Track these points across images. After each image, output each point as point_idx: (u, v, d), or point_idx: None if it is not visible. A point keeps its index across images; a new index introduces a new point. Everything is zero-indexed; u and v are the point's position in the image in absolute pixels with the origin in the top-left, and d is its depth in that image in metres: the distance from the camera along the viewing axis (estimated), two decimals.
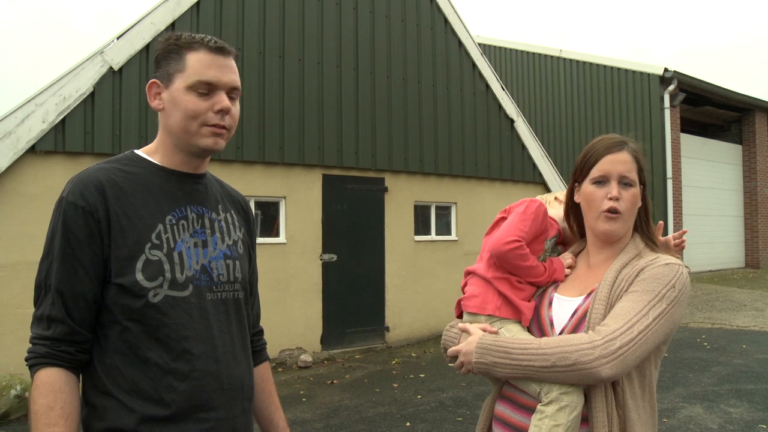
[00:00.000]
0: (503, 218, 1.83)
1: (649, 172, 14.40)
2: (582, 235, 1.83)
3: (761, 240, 17.23)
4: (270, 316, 7.67)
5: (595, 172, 1.68)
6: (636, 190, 1.68)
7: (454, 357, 1.69)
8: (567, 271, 1.80)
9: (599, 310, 1.56)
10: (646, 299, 1.51)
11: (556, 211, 1.90)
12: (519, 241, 1.71)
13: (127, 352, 1.45)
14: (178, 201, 1.57)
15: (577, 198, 1.77)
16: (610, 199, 1.64)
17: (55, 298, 1.43)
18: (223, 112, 1.54)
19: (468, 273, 1.84)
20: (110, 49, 6.69)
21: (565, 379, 1.49)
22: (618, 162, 1.67)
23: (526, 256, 1.72)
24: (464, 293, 1.83)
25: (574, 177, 1.76)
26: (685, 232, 1.91)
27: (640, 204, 1.71)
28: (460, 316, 1.84)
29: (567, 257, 1.83)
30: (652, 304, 1.51)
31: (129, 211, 1.48)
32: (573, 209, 1.83)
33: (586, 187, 1.70)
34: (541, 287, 1.79)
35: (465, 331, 1.71)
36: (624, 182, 1.66)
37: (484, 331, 1.70)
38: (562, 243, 1.93)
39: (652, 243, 1.71)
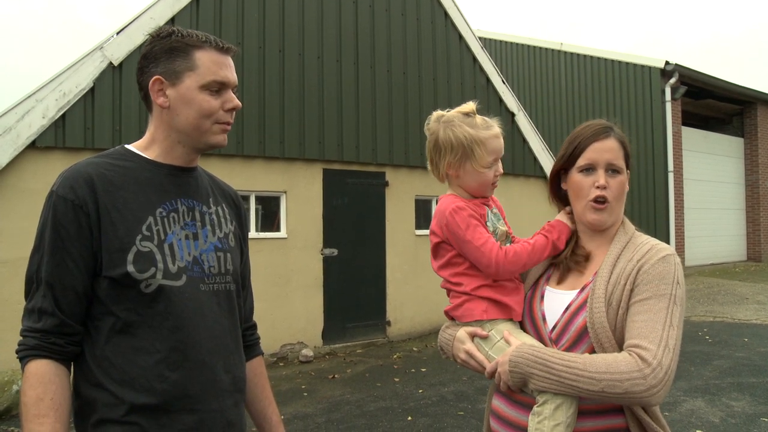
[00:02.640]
0: (441, 242, 1.74)
1: (651, 165, 14.45)
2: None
3: (763, 233, 17.21)
4: (271, 310, 7.68)
5: (582, 161, 1.67)
6: (623, 177, 1.67)
7: (492, 373, 1.63)
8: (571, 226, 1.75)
9: (600, 309, 1.54)
10: (663, 306, 1.50)
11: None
12: (500, 246, 1.67)
13: (119, 342, 1.46)
14: (168, 194, 1.58)
15: (564, 185, 1.75)
16: (598, 187, 1.63)
17: (45, 291, 1.45)
18: (233, 110, 1.60)
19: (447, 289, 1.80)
20: (110, 44, 6.68)
21: (609, 401, 1.49)
22: (605, 150, 1.65)
23: (518, 252, 1.67)
24: (449, 297, 1.79)
25: (561, 165, 1.73)
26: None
27: (627, 189, 1.70)
28: (452, 319, 1.82)
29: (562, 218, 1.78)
30: (670, 310, 1.50)
31: (119, 204, 1.49)
32: (558, 196, 1.81)
33: (574, 175, 1.69)
34: (535, 277, 1.77)
35: (474, 334, 1.68)
36: (611, 170, 1.65)
37: (475, 335, 1.68)
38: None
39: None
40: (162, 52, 1.56)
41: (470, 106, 1.74)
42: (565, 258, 1.73)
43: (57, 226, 1.46)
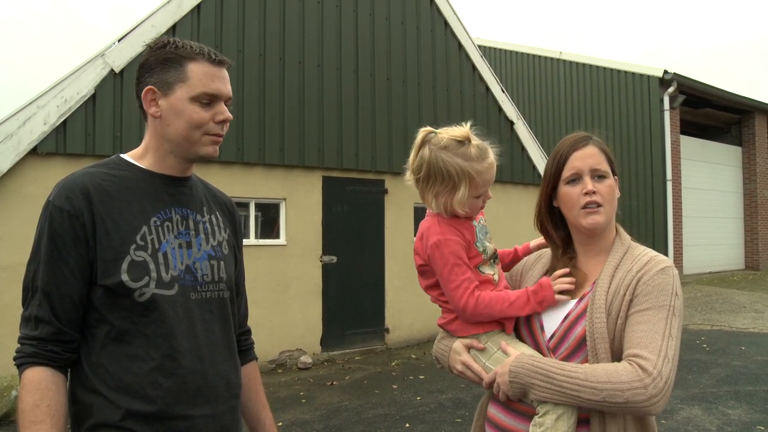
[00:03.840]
0: (423, 265, 1.71)
1: (649, 173, 14.42)
2: (561, 242, 1.79)
3: (761, 242, 17.23)
4: (270, 317, 7.69)
5: (566, 172, 1.68)
6: (611, 181, 1.68)
7: (491, 383, 1.63)
8: (565, 287, 1.67)
9: (600, 319, 1.56)
10: (662, 317, 1.52)
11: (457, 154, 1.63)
12: (472, 292, 1.62)
13: (114, 350, 1.49)
14: (162, 203, 1.61)
15: (556, 203, 1.75)
16: (586, 194, 1.64)
17: (42, 299, 1.47)
18: (224, 122, 1.60)
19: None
20: (111, 51, 6.72)
21: (610, 411, 1.49)
22: (586, 156, 1.67)
23: (492, 302, 1.63)
24: (442, 311, 1.78)
25: (551, 184, 1.73)
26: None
27: (618, 194, 1.71)
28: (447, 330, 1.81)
29: (559, 282, 1.69)
30: (669, 321, 1.52)
31: (114, 213, 1.52)
32: (549, 216, 1.79)
33: (562, 188, 1.70)
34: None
35: (471, 347, 1.68)
36: (597, 175, 1.67)
37: (471, 347, 1.68)
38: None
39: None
40: (156, 62, 1.59)
41: (465, 132, 1.65)
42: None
43: (53, 235, 1.48)
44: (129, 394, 1.47)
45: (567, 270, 1.72)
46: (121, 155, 1.67)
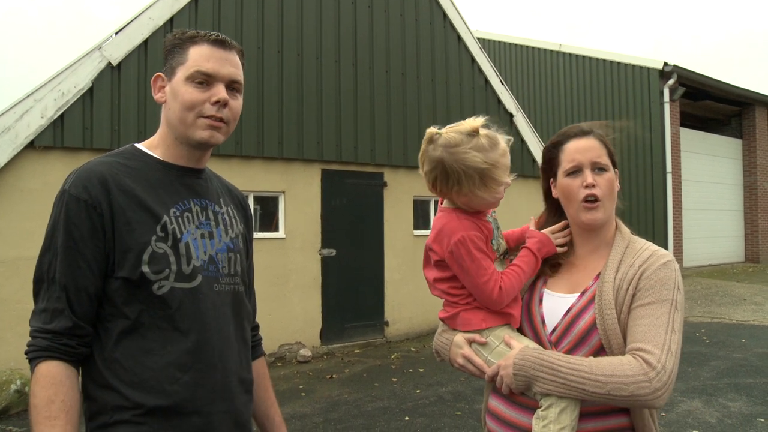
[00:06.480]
0: (441, 259, 1.67)
1: (649, 166, 14.39)
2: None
3: (761, 234, 17.23)
4: (269, 310, 7.68)
5: (566, 164, 1.69)
6: (611, 174, 1.68)
7: (493, 376, 1.62)
8: (562, 240, 1.75)
9: (611, 314, 1.56)
10: (665, 311, 1.53)
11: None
12: (500, 288, 1.63)
13: (129, 344, 1.45)
14: (180, 194, 1.57)
15: (555, 193, 1.75)
16: (586, 186, 1.64)
17: (59, 292, 1.42)
18: (220, 103, 1.54)
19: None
20: (109, 44, 6.68)
21: (613, 404, 1.51)
22: (587, 149, 1.67)
23: (513, 282, 1.65)
24: (443, 304, 1.76)
25: (550, 174, 1.74)
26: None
27: (618, 187, 1.71)
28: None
29: (558, 236, 1.76)
30: (672, 315, 1.53)
31: (133, 203, 1.48)
32: (548, 205, 1.81)
33: (561, 180, 1.70)
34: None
35: (472, 341, 1.67)
36: (597, 168, 1.66)
37: (473, 341, 1.67)
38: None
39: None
40: (167, 50, 1.58)
41: (471, 124, 1.61)
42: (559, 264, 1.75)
43: (69, 226, 1.44)
44: (144, 390, 1.43)
45: (564, 223, 1.77)
46: (136, 145, 1.63)
